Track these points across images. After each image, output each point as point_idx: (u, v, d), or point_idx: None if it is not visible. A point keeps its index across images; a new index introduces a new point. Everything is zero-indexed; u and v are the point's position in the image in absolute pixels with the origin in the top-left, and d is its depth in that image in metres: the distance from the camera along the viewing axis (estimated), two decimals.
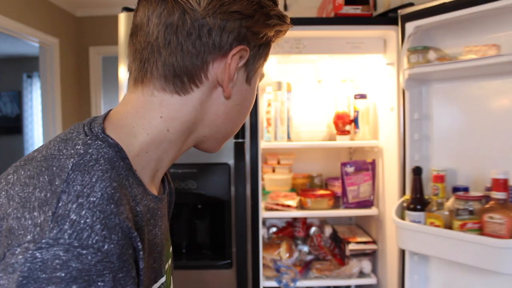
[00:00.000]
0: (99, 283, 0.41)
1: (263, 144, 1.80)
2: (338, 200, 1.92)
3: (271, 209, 1.82)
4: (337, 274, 1.81)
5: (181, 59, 0.54)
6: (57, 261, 0.40)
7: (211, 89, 0.57)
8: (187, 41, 0.53)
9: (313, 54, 1.79)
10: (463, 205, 1.28)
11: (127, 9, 1.60)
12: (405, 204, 1.46)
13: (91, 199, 0.44)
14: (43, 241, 0.40)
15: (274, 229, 2.12)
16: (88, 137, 0.51)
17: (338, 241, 1.99)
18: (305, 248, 1.99)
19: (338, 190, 1.92)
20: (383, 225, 1.82)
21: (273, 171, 2.08)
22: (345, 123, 1.88)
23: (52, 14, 3.33)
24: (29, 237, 0.41)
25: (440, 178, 1.35)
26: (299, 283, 1.76)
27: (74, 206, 0.42)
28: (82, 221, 0.42)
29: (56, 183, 0.45)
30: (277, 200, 1.85)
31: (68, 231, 0.41)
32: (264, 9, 0.56)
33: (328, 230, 2.04)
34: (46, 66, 3.27)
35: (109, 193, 0.45)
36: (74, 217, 0.42)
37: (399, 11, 1.54)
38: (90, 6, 3.62)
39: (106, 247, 0.42)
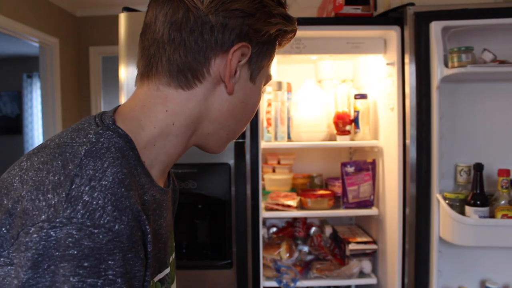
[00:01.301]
0: (110, 262, 0.42)
1: (263, 144, 1.79)
2: (338, 200, 1.92)
3: (271, 209, 1.82)
4: (337, 274, 1.81)
5: (184, 55, 0.56)
6: (70, 239, 0.41)
7: (214, 85, 0.58)
8: (190, 38, 0.55)
9: (313, 54, 1.79)
10: None
11: (127, 9, 1.60)
12: (447, 202, 1.47)
13: (103, 182, 0.45)
14: (57, 220, 0.42)
15: (274, 229, 2.12)
16: (99, 128, 0.53)
17: (338, 241, 1.99)
18: (305, 248, 1.98)
19: (338, 190, 1.92)
20: (383, 225, 1.82)
21: (273, 171, 2.08)
22: (345, 123, 1.88)
23: (52, 14, 3.32)
24: (43, 216, 0.43)
25: (506, 172, 1.37)
26: (299, 283, 1.76)
27: (86, 188, 0.44)
28: (94, 202, 0.44)
29: (70, 167, 0.47)
30: (277, 200, 1.84)
31: (81, 211, 0.43)
32: (266, 8, 0.58)
33: (328, 230, 2.04)
34: (46, 66, 3.26)
35: (120, 177, 0.47)
36: (87, 199, 0.44)
37: (407, 7, 1.53)
38: (90, 6, 3.61)
39: (116, 227, 0.43)
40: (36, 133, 5.86)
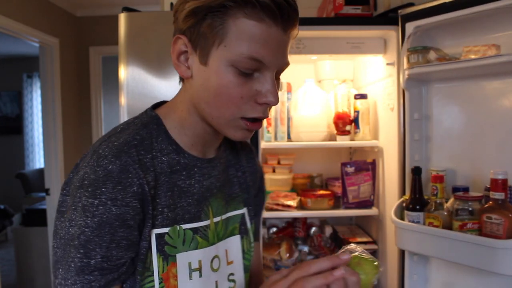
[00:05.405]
0: (103, 189, 0.61)
1: (263, 144, 1.79)
2: (338, 200, 1.92)
3: (271, 209, 1.82)
4: None
5: None
6: (86, 175, 0.63)
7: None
8: None
9: (313, 54, 1.79)
10: (463, 206, 1.27)
11: (127, 9, 1.60)
12: (404, 204, 1.45)
13: (115, 142, 0.66)
14: (84, 165, 0.65)
15: (274, 229, 2.12)
16: (141, 113, 0.75)
17: (338, 241, 1.99)
18: (305, 248, 1.98)
19: (338, 190, 1.92)
20: (383, 225, 1.82)
21: (273, 171, 2.08)
22: (345, 123, 1.88)
23: (52, 14, 3.32)
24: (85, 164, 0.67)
25: (439, 178, 1.34)
26: None
27: (104, 146, 0.66)
28: (102, 153, 0.64)
29: (107, 137, 0.69)
30: (277, 200, 1.84)
31: (94, 158, 0.64)
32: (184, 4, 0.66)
33: (328, 230, 2.04)
34: (46, 66, 3.26)
35: (128, 140, 0.67)
36: (101, 151, 0.65)
37: (399, 11, 1.54)
38: (90, 6, 3.62)
39: (110, 167, 0.62)
40: (36, 133, 5.86)
